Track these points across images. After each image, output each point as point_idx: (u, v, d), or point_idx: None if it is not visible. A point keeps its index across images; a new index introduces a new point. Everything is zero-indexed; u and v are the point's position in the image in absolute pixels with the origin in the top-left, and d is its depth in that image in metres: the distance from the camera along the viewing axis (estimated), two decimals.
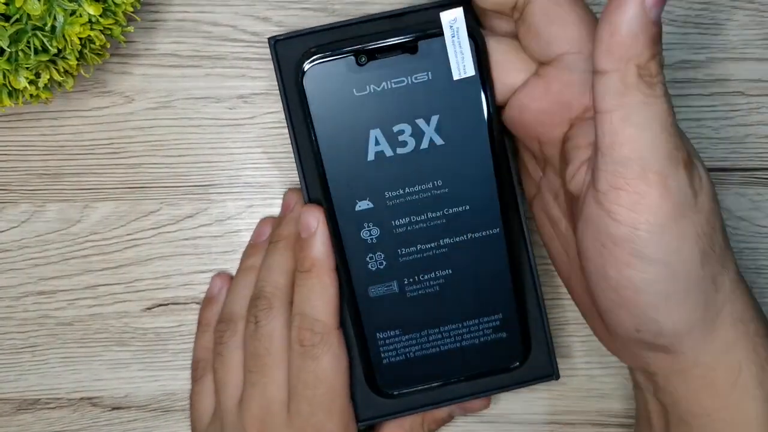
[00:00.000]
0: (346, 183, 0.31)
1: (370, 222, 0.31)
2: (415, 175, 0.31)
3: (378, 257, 0.32)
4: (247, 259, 0.36)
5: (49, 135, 0.37)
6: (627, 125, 0.25)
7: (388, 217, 0.31)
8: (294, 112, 0.33)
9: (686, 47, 0.37)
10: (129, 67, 0.37)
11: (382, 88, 0.29)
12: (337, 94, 0.30)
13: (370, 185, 0.31)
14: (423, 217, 0.31)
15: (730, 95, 0.37)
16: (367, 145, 0.30)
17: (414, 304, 0.32)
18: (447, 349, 0.33)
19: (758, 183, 0.38)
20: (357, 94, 0.29)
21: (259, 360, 0.33)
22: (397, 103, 0.30)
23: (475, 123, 0.30)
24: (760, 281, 0.38)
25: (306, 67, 0.29)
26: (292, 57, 0.33)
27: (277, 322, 0.33)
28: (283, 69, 0.33)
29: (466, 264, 0.32)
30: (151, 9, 0.36)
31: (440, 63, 0.29)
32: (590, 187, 0.27)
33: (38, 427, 0.38)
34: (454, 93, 0.29)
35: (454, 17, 0.28)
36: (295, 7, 0.37)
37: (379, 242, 0.32)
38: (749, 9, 0.37)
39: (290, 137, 0.33)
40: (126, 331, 0.38)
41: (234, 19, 0.36)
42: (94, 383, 0.38)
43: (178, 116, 0.37)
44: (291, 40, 0.32)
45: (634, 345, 0.29)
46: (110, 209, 0.37)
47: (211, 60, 0.37)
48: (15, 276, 0.38)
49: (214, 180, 0.37)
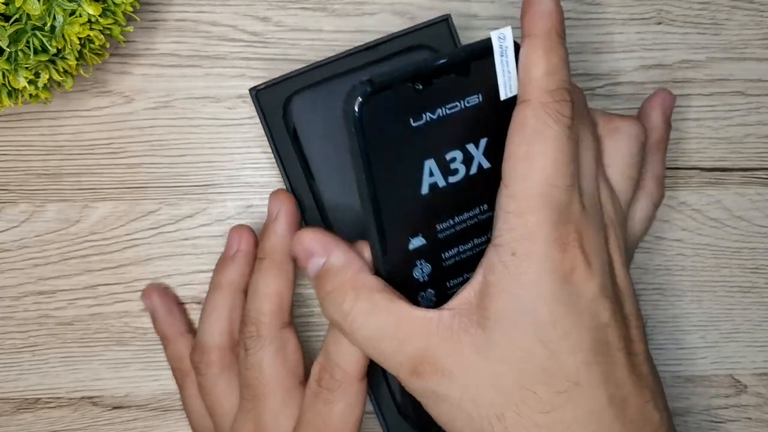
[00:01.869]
0: (400, 221, 0.28)
1: (422, 259, 0.29)
2: (464, 203, 0.29)
3: (428, 295, 0.30)
4: (218, 275, 0.35)
5: (49, 135, 0.37)
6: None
7: (439, 250, 0.29)
8: (283, 154, 0.34)
9: (686, 47, 0.37)
10: (129, 67, 0.37)
11: (438, 114, 0.27)
12: (392, 126, 0.27)
13: (423, 220, 0.28)
14: (470, 245, 0.30)
15: (730, 95, 0.37)
16: (421, 176, 0.28)
17: None
18: None
19: (758, 183, 0.38)
20: (414, 124, 0.27)
21: (251, 390, 0.32)
22: (451, 129, 0.27)
23: None
24: (759, 281, 0.38)
25: (357, 103, 0.26)
26: (275, 105, 0.33)
27: (265, 352, 0.32)
28: (268, 117, 0.34)
29: None
30: (150, 9, 0.36)
31: (488, 83, 0.27)
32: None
33: (39, 427, 0.38)
34: (500, 113, 0.28)
35: (504, 35, 0.27)
36: (294, 7, 0.37)
37: (431, 279, 0.29)
38: (749, 9, 0.37)
39: (283, 178, 0.34)
40: (126, 331, 0.38)
41: (234, 18, 0.36)
42: (95, 383, 0.38)
43: (177, 116, 0.37)
44: (272, 88, 0.33)
45: None
46: (109, 209, 0.37)
47: (210, 60, 0.37)
48: (15, 276, 0.38)
49: (214, 180, 0.37)
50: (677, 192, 0.38)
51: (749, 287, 0.38)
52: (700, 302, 0.38)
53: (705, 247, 0.38)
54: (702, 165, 0.38)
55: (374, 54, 0.34)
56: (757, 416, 0.39)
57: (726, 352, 0.38)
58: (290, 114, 0.34)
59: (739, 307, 0.38)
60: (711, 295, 0.38)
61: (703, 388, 0.38)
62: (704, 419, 0.39)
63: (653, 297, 0.38)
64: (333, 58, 0.34)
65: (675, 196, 0.38)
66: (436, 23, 0.33)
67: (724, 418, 0.39)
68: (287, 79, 0.34)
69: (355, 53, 0.33)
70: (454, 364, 0.26)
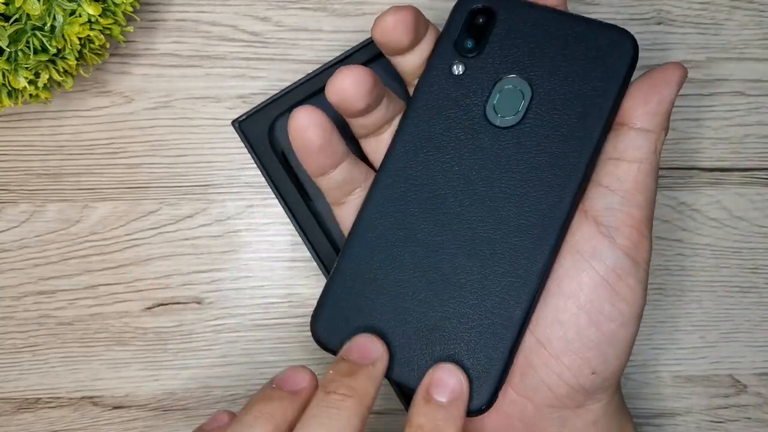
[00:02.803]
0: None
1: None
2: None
3: None
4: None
5: (49, 135, 0.37)
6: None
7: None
8: (276, 179, 0.34)
9: (686, 47, 0.37)
10: (129, 67, 0.37)
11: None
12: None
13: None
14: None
15: (730, 95, 0.37)
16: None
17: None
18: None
19: (757, 183, 0.38)
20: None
21: None
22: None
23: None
24: (759, 281, 0.38)
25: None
26: (260, 132, 0.34)
27: None
28: (255, 146, 0.34)
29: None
30: (150, 9, 0.36)
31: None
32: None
33: (39, 427, 0.38)
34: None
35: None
36: (294, 7, 0.37)
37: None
38: (749, 9, 0.37)
39: (280, 202, 0.34)
40: (126, 331, 0.38)
41: (234, 18, 0.36)
42: (95, 382, 0.38)
43: (177, 116, 0.37)
44: (254, 116, 0.34)
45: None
46: (110, 209, 0.37)
47: (210, 60, 0.37)
48: (15, 276, 0.38)
49: (214, 180, 0.37)
50: (677, 192, 0.38)
51: (749, 287, 0.38)
52: (699, 302, 0.38)
53: (705, 247, 0.38)
54: (702, 165, 0.38)
55: (351, 63, 0.34)
56: (757, 416, 0.39)
57: (726, 352, 0.38)
58: (276, 139, 0.34)
59: (738, 307, 0.38)
60: (711, 295, 0.38)
61: (702, 388, 0.38)
62: (704, 419, 0.39)
63: (653, 297, 0.38)
64: (309, 77, 0.34)
65: (675, 196, 0.38)
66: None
67: (724, 418, 0.39)
68: (267, 104, 0.34)
69: (330, 67, 0.34)
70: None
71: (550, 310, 0.28)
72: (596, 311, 0.27)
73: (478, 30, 0.28)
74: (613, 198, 0.28)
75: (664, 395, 0.38)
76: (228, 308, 0.38)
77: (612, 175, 0.28)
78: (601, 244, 0.27)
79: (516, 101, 0.28)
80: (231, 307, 0.38)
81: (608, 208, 0.28)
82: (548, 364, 0.28)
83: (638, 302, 0.28)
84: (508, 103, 0.28)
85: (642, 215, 0.28)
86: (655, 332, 0.38)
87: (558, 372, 0.28)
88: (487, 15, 0.28)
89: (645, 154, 0.28)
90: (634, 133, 0.28)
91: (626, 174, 0.28)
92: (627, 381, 0.38)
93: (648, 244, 0.28)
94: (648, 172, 0.28)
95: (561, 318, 0.27)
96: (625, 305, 0.27)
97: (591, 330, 0.27)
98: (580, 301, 0.27)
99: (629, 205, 0.28)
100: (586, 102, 0.27)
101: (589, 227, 0.28)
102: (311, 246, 0.35)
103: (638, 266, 0.28)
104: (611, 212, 0.28)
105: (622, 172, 0.28)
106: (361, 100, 0.27)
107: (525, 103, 0.28)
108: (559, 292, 0.28)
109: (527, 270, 0.27)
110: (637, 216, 0.28)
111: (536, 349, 0.28)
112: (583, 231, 0.28)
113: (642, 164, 0.28)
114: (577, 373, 0.28)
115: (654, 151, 0.28)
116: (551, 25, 0.28)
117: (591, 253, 0.28)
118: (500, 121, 0.28)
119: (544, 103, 0.27)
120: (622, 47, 0.27)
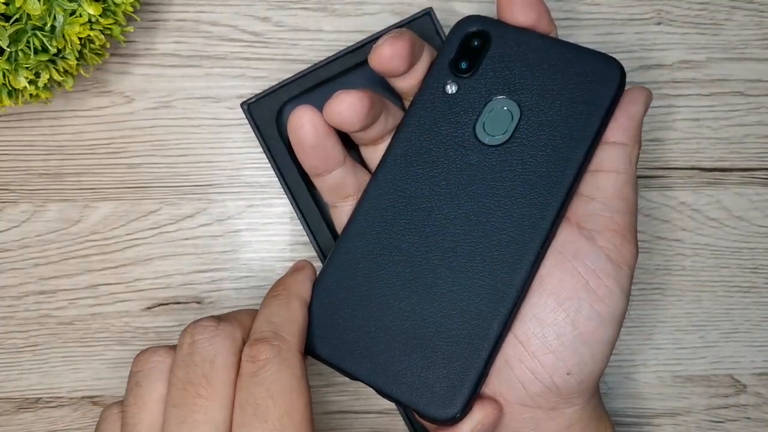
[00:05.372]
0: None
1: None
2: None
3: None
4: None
5: (49, 135, 0.37)
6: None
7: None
8: (281, 164, 0.34)
9: (686, 47, 0.37)
10: (129, 67, 0.37)
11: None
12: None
13: None
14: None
15: (730, 95, 0.37)
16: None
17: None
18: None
19: (757, 183, 0.38)
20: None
21: (191, 389, 0.25)
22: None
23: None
24: (759, 281, 0.38)
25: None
26: (268, 116, 0.34)
27: (222, 344, 0.26)
28: (261, 129, 0.34)
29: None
30: (151, 9, 0.36)
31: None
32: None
33: (39, 426, 0.38)
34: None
35: None
36: (294, 7, 0.37)
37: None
38: (748, 9, 0.37)
39: (282, 187, 0.34)
40: (126, 331, 0.38)
41: (234, 18, 0.37)
42: (95, 382, 0.38)
43: (178, 116, 0.37)
44: (263, 100, 0.34)
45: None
46: (110, 209, 0.37)
47: (211, 60, 0.37)
48: (16, 276, 0.38)
49: (214, 180, 0.37)
50: (677, 192, 0.38)
51: (749, 287, 0.38)
52: (699, 302, 0.38)
53: (704, 247, 0.38)
54: (701, 165, 0.38)
55: (361, 55, 0.34)
56: (757, 416, 0.39)
57: (725, 352, 0.38)
58: (284, 124, 0.34)
59: (738, 306, 0.38)
60: (710, 295, 0.38)
61: (702, 388, 0.39)
62: (704, 419, 0.39)
63: (653, 297, 0.38)
64: (320, 64, 0.34)
65: (675, 196, 0.38)
66: (419, 17, 0.34)
67: (723, 418, 0.39)
68: (277, 89, 0.34)
69: (342, 56, 0.34)
70: None
71: (529, 306, 0.28)
72: (574, 309, 0.28)
73: (473, 52, 0.30)
74: (595, 205, 0.29)
75: (664, 395, 0.39)
76: (228, 308, 0.38)
77: (591, 185, 0.29)
78: (583, 246, 0.28)
79: (505, 121, 0.29)
80: (231, 307, 0.38)
81: (590, 214, 0.29)
82: (524, 360, 0.28)
83: (617, 305, 0.28)
84: (498, 122, 0.29)
85: (624, 221, 0.29)
86: (655, 332, 0.38)
87: (533, 369, 0.28)
88: (483, 38, 0.30)
89: (621, 165, 0.29)
90: (608, 146, 0.29)
91: (605, 182, 0.29)
92: (627, 381, 0.38)
93: (631, 249, 0.29)
94: (626, 181, 0.29)
95: (539, 314, 0.28)
96: (603, 306, 0.28)
97: (568, 328, 0.28)
98: (560, 298, 0.28)
99: (611, 211, 0.29)
100: (573, 125, 0.28)
101: (572, 230, 0.29)
102: (312, 234, 0.35)
103: (620, 270, 0.28)
104: (593, 217, 0.29)
105: (601, 181, 0.29)
106: (357, 123, 0.29)
107: (513, 123, 0.29)
108: (540, 288, 0.28)
109: (507, 284, 0.28)
110: (619, 221, 0.28)
111: (513, 345, 0.28)
112: (566, 234, 0.29)
113: (619, 174, 0.29)
114: (551, 372, 0.28)
115: (630, 162, 0.29)
116: (543, 50, 0.29)
117: (573, 254, 0.28)
118: (489, 139, 0.29)
119: (532, 124, 0.29)
120: (610, 74, 0.28)
